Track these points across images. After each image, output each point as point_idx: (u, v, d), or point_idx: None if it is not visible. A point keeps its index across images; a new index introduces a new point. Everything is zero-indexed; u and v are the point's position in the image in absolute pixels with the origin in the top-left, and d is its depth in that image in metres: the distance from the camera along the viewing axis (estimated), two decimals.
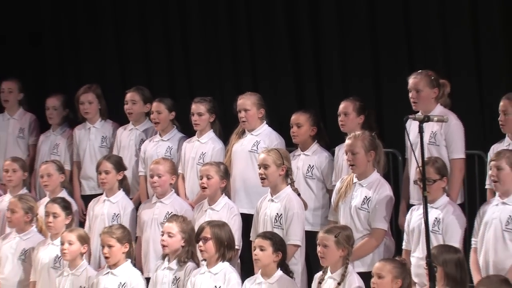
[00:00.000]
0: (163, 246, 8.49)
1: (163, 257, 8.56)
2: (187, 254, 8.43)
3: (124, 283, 8.50)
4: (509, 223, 7.69)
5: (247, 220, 8.85)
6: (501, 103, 8.46)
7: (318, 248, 7.79)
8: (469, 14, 9.68)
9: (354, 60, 10.28)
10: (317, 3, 10.53)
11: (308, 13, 10.60)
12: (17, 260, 9.21)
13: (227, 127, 9.80)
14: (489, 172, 7.89)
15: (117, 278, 8.51)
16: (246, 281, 8.18)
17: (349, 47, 10.33)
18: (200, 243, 8.18)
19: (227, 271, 8.16)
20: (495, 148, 8.36)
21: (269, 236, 8.08)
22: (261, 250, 7.97)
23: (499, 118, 8.46)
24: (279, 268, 8.02)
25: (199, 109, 9.67)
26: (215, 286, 8.15)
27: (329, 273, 7.77)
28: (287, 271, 8.06)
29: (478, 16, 9.65)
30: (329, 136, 9.46)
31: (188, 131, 9.92)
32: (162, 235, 8.49)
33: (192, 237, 8.39)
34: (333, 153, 9.26)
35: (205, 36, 11.23)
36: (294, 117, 9.24)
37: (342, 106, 9.04)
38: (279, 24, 10.74)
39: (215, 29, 11.16)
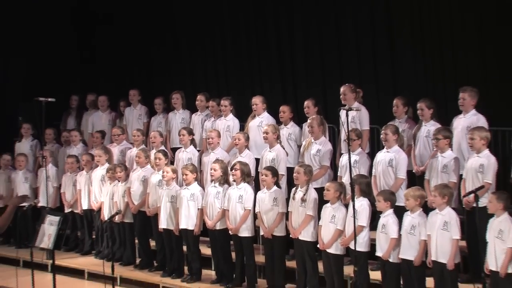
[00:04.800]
0: (211, 176, 8.44)
1: (211, 181, 8.46)
2: (224, 180, 8.35)
3: (193, 193, 8.47)
4: (389, 163, 7.73)
5: (256, 161, 8.75)
6: (394, 101, 8.37)
7: (294, 175, 7.78)
8: (371, 45, 9.66)
9: (313, 80, 10.24)
10: (293, 41, 10.43)
11: (289, 50, 10.48)
12: (140, 180, 9.18)
13: (246, 112, 9.50)
14: (381, 136, 7.86)
15: (189, 191, 8.51)
16: (258, 192, 8.06)
17: (310, 72, 10.29)
18: (233, 171, 8.15)
19: (246, 187, 8.14)
20: (388, 123, 8.10)
21: (270, 168, 8.07)
22: (266, 176, 7.97)
23: (393, 110, 8.36)
24: (275, 185, 8.00)
25: (225, 103, 9.45)
26: (240, 195, 8.10)
27: (299, 188, 7.76)
28: (279, 187, 8.05)
29: (375, 43, 9.61)
30: (299, 117, 9.29)
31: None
32: (211, 170, 8.46)
33: (227, 171, 8.31)
34: (301, 127, 9.05)
35: (235, 64, 11.07)
36: (281, 108, 9.05)
37: (306, 103, 8.87)
38: (273, 58, 10.63)
39: (240, 59, 10.98)
